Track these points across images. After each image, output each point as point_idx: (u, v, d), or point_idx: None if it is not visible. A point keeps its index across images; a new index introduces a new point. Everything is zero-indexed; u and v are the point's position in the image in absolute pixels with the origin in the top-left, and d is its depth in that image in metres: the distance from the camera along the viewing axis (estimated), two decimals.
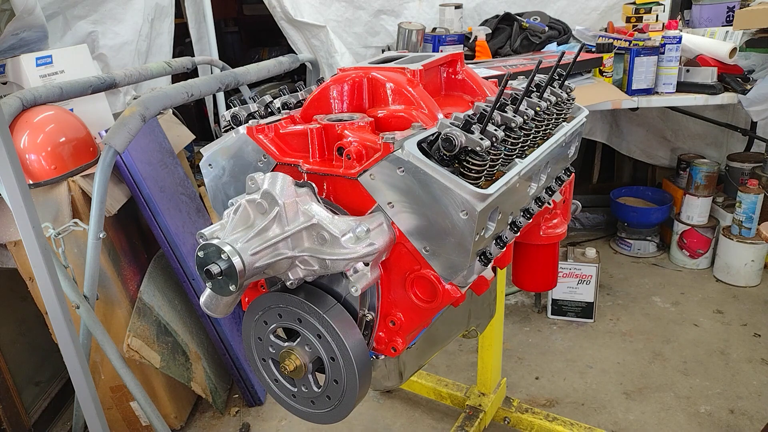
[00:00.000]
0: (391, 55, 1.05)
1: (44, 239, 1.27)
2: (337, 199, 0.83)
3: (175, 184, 2.06)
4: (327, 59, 2.94)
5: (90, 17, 2.43)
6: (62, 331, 1.36)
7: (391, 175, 0.76)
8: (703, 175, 2.87)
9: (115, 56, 2.54)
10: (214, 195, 0.95)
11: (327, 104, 0.94)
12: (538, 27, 2.74)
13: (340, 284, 0.86)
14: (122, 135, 1.51)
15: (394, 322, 0.85)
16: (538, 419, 1.94)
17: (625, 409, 2.11)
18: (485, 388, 1.99)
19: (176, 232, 1.94)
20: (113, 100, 2.48)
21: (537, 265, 1.34)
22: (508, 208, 0.85)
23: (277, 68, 2.20)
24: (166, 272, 2.06)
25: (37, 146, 1.64)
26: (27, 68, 1.83)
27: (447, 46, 2.72)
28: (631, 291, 2.86)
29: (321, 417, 0.90)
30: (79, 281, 1.60)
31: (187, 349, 2.04)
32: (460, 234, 0.74)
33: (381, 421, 2.14)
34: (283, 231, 0.78)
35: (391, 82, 0.90)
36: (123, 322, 1.84)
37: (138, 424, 2.03)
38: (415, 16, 2.99)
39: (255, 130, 0.87)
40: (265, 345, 0.90)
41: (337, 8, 2.94)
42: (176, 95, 1.69)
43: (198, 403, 2.24)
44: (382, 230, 0.78)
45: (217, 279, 0.74)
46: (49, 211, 1.68)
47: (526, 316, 2.70)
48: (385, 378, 1.04)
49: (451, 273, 0.78)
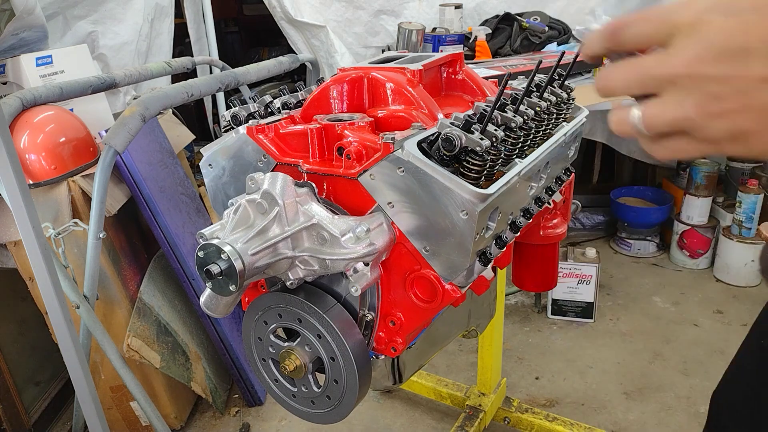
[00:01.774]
0: (391, 55, 1.05)
1: (44, 239, 1.27)
2: (337, 199, 0.83)
3: (175, 184, 2.06)
4: (327, 59, 2.94)
5: (90, 17, 2.43)
6: (62, 331, 1.36)
7: (391, 175, 0.76)
8: (703, 175, 2.87)
9: (115, 56, 2.54)
10: (214, 195, 0.95)
11: (327, 104, 0.94)
12: (538, 27, 2.74)
13: (340, 284, 0.86)
14: (122, 135, 1.51)
15: (394, 322, 0.85)
16: (538, 419, 1.94)
17: (625, 409, 2.11)
18: (485, 388, 1.99)
19: (176, 232, 1.94)
20: (113, 100, 2.48)
21: (537, 265, 1.34)
22: (508, 208, 0.85)
23: (277, 68, 2.20)
24: (166, 272, 2.06)
25: (37, 146, 1.64)
26: (27, 68, 1.83)
27: (447, 46, 2.72)
28: (631, 291, 2.86)
29: (321, 417, 0.90)
30: (79, 281, 1.60)
31: (187, 349, 2.04)
32: (460, 234, 0.74)
33: (381, 421, 2.14)
34: (283, 231, 0.78)
35: (391, 82, 0.90)
36: (123, 322, 1.84)
37: (138, 424, 2.03)
38: (415, 16, 2.99)
39: (255, 130, 0.87)
40: (265, 345, 0.90)
41: (337, 8, 2.94)
42: (176, 95, 1.68)
43: (198, 403, 2.24)
44: (382, 230, 0.78)
45: (217, 279, 0.74)
46: (49, 211, 1.68)
47: (526, 316, 2.70)
48: (385, 378, 1.04)
49: (451, 273, 0.78)
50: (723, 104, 0.37)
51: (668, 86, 0.39)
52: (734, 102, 0.36)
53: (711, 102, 0.37)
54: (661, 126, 0.40)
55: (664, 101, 0.40)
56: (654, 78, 0.40)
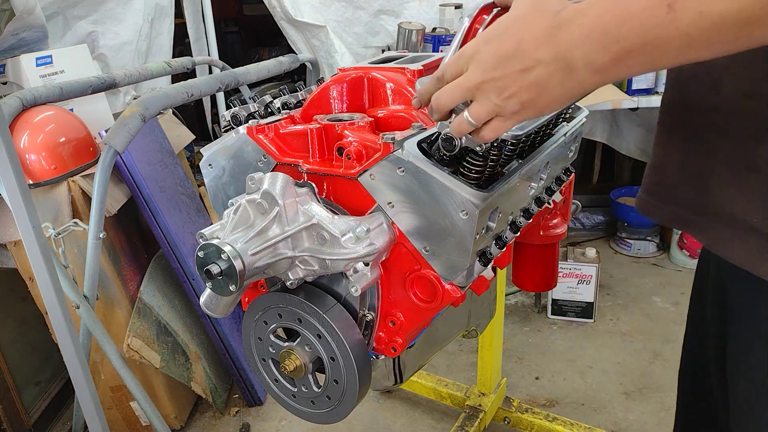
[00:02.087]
0: (391, 55, 1.05)
1: (44, 239, 1.27)
2: (337, 199, 0.83)
3: (175, 184, 2.06)
4: (327, 59, 2.93)
5: (90, 17, 2.43)
6: (62, 331, 1.36)
7: (391, 175, 0.76)
8: None
9: (115, 56, 2.54)
10: (214, 195, 0.95)
11: (327, 104, 0.94)
12: None
13: (340, 284, 0.86)
14: (122, 135, 1.51)
15: (394, 322, 0.85)
16: (538, 419, 1.94)
17: (625, 409, 2.11)
18: (485, 388, 1.99)
19: (176, 232, 1.94)
20: (113, 100, 2.48)
21: (537, 265, 1.34)
22: (508, 208, 0.85)
23: (277, 68, 2.20)
24: (166, 272, 2.06)
25: (37, 146, 1.64)
26: (27, 68, 1.83)
27: (447, 46, 2.73)
28: (631, 291, 2.86)
29: (321, 417, 0.90)
30: (79, 281, 1.60)
31: (187, 349, 2.04)
32: (460, 234, 0.74)
33: (381, 421, 2.14)
34: (283, 231, 0.78)
35: (391, 82, 0.90)
36: (123, 322, 1.84)
37: (138, 424, 2.03)
38: (415, 16, 2.98)
39: (255, 130, 0.87)
40: (265, 345, 0.90)
41: (337, 8, 2.93)
42: (176, 95, 1.68)
43: (198, 403, 2.24)
44: (382, 230, 0.78)
45: (217, 279, 0.74)
46: (49, 211, 1.68)
47: (526, 316, 2.70)
48: (385, 378, 1.04)
49: (451, 273, 0.78)
50: (508, 90, 0.58)
51: (476, 92, 0.61)
52: (513, 87, 0.58)
53: (502, 91, 0.59)
54: (483, 116, 0.62)
55: (478, 100, 0.61)
56: (467, 89, 0.61)
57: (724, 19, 0.48)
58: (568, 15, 0.55)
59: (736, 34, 0.49)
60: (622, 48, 0.52)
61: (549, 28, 0.56)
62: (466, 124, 0.63)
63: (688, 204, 0.83)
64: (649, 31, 0.51)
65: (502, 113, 0.61)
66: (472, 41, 0.62)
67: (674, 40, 0.50)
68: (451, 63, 0.64)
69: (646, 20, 0.51)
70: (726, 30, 0.49)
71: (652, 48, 0.52)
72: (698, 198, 0.81)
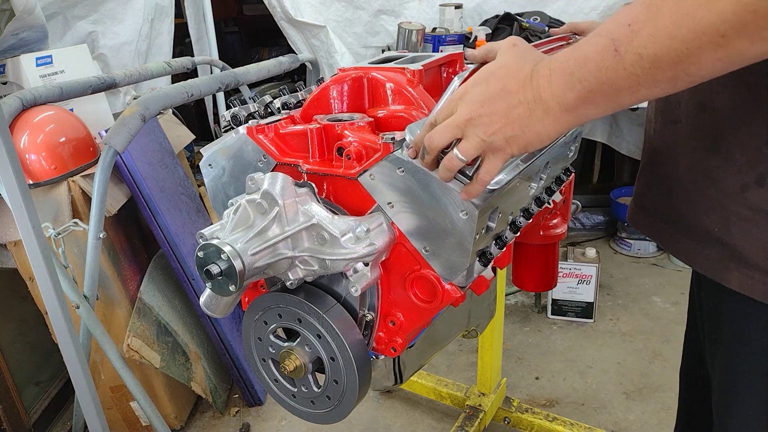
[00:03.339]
0: (391, 55, 1.05)
1: (44, 239, 1.27)
2: (337, 199, 0.83)
3: (175, 184, 2.06)
4: (327, 59, 2.94)
5: (90, 17, 2.43)
6: (62, 331, 1.36)
7: (391, 175, 0.76)
8: None
9: (115, 56, 2.54)
10: (214, 195, 0.95)
11: (327, 104, 0.94)
12: (538, 27, 2.74)
13: (340, 284, 0.86)
14: (122, 135, 1.51)
15: (394, 322, 0.85)
16: (538, 419, 1.94)
17: (625, 409, 2.11)
18: (485, 388, 1.99)
19: (176, 232, 1.94)
20: (113, 100, 2.48)
21: (537, 265, 1.34)
22: (508, 208, 0.85)
23: (277, 68, 2.20)
24: (166, 272, 2.06)
25: (37, 146, 1.64)
26: (27, 68, 1.83)
27: (447, 46, 2.72)
28: (631, 291, 2.86)
29: (321, 417, 0.90)
30: (79, 281, 1.60)
31: (187, 349, 2.04)
32: (460, 234, 0.74)
33: (381, 421, 2.14)
34: (283, 231, 0.78)
35: (391, 82, 0.90)
36: (123, 322, 1.85)
37: (138, 424, 2.03)
38: (415, 16, 2.98)
39: (255, 130, 0.87)
40: (264, 345, 0.90)
41: (337, 8, 2.94)
42: (176, 95, 1.68)
43: (198, 403, 2.24)
44: (382, 230, 0.78)
45: (217, 279, 0.74)
46: (49, 211, 1.68)
47: (526, 316, 2.70)
48: (385, 378, 1.04)
49: (451, 273, 0.78)
50: (494, 126, 0.62)
51: (465, 129, 0.64)
52: (498, 123, 0.62)
53: (488, 127, 0.63)
54: (471, 152, 0.65)
55: (467, 138, 0.65)
56: (456, 126, 0.65)
57: (659, 59, 0.53)
58: (544, 62, 0.62)
59: (674, 71, 0.53)
60: (584, 87, 0.58)
61: (529, 73, 0.62)
62: (456, 160, 0.66)
63: (656, 213, 0.89)
64: (603, 73, 0.56)
65: (489, 149, 0.64)
66: (460, 87, 0.68)
67: (624, 80, 0.56)
68: (441, 108, 0.68)
69: (600, 62, 0.56)
70: (664, 68, 0.53)
71: (608, 87, 0.57)
72: (665, 208, 0.87)
